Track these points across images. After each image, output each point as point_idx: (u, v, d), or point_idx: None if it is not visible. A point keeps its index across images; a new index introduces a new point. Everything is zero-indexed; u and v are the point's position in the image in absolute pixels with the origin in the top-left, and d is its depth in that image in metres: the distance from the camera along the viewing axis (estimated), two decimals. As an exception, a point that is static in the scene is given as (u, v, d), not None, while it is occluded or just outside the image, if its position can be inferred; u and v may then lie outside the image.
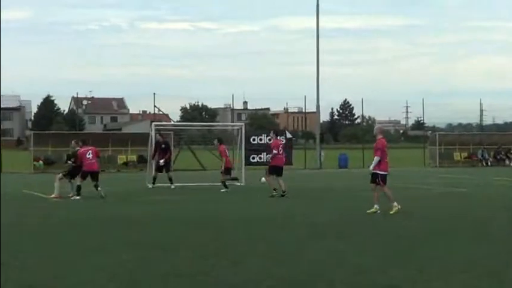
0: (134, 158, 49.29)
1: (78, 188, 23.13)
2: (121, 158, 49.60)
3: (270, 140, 30.28)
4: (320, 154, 53.32)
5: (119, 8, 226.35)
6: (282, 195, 23.47)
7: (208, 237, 14.07)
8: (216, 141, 30.01)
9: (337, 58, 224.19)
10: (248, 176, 32.15)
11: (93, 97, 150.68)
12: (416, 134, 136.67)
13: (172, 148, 36.82)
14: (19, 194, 25.71)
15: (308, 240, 13.55)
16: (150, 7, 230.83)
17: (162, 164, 29.17)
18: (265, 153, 40.55)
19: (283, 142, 28.68)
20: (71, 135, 57.38)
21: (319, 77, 55.55)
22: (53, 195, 23.00)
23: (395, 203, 18.24)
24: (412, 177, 37.67)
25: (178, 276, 9.91)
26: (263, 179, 29.80)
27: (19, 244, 13.20)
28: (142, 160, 45.33)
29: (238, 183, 29.24)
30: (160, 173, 29.22)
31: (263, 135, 44.20)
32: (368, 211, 18.16)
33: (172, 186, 28.47)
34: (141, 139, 44.15)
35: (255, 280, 9.61)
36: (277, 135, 26.23)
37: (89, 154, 23.64)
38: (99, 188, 23.13)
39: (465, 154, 56.08)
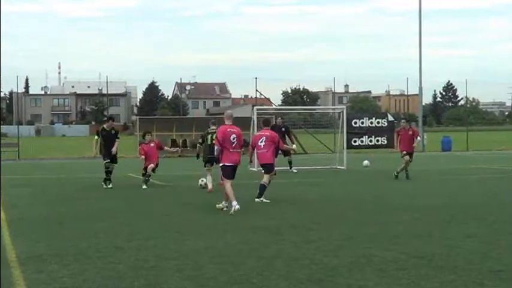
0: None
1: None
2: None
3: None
4: (423, 137, 52.70)
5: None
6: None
7: (313, 221, 14.20)
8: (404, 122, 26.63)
9: (440, 39, 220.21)
10: (350, 159, 32.14)
11: (196, 82, 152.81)
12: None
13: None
14: (125, 178, 26.33)
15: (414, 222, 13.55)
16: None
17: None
18: (366, 137, 40.35)
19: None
20: (175, 120, 58.55)
21: (422, 59, 54.91)
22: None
23: None
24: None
25: (283, 259, 10.06)
26: (366, 162, 29.74)
27: (129, 227, 13.63)
28: (244, 144, 45.76)
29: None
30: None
31: (365, 118, 43.88)
32: None
33: (295, 171, 28.49)
34: (243, 123, 44.57)
35: (358, 263, 9.68)
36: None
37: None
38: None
39: None
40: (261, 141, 18.87)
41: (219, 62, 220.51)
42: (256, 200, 17.76)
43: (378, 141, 40.82)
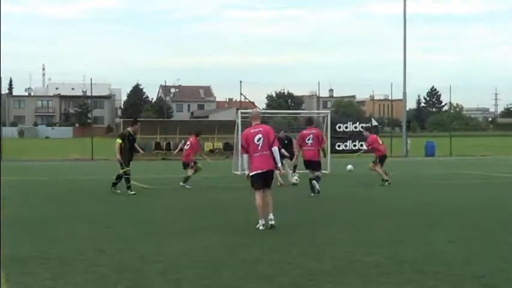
0: (220, 145, 49.85)
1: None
2: (207, 145, 50.20)
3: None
4: (406, 142, 52.87)
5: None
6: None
7: (297, 224, 14.21)
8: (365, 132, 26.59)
9: (424, 45, 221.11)
10: (334, 163, 32.19)
11: (180, 85, 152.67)
12: (506, 122, 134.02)
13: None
14: (109, 180, 26.23)
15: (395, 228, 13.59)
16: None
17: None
18: (350, 141, 40.35)
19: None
20: (159, 122, 58.52)
21: (406, 64, 55.15)
22: None
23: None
24: (499, 166, 36.93)
25: (265, 263, 10.07)
26: (349, 166, 29.79)
27: (113, 229, 13.61)
28: (228, 147, 45.76)
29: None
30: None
31: (349, 122, 43.89)
32: None
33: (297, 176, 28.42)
34: (227, 127, 44.61)
35: (341, 267, 9.71)
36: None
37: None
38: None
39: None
40: (308, 139, 20.02)
41: (204, 65, 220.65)
42: (315, 193, 19.63)
43: (361, 145, 40.85)
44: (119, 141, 21.21)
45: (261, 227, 13.34)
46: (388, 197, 20.24)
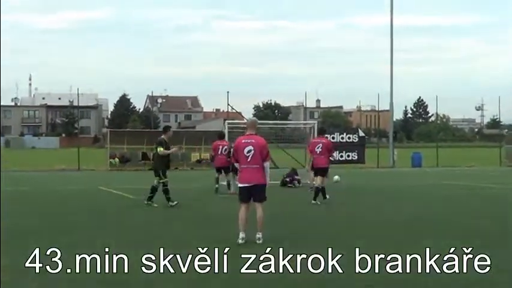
0: (207, 156, 49.74)
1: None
2: (194, 156, 50.14)
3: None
4: (393, 153, 53.00)
5: (193, 7, 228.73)
6: None
7: (283, 235, 14.21)
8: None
9: (411, 56, 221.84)
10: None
11: (167, 95, 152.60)
12: (492, 133, 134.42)
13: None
14: (95, 191, 26.21)
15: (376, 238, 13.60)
16: (223, 6, 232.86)
17: None
18: (337, 152, 40.40)
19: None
20: (145, 133, 58.42)
21: (393, 75, 55.32)
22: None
23: None
24: (485, 177, 37.08)
25: (253, 273, 10.04)
26: (336, 177, 29.86)
27: (99, 239, 13.57)
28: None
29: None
30: None
31: (336, 133, 43.97)
32: None
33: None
34: (214, 137, 44.52)
35: (328, 278, 9.69)
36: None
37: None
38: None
39: (543, 153, 54.96)
40: (318, 147, 21.35)
41: (191, 76, 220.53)
42: (313, 202, 20.75)
43: (348, 156, 41.00)
44: (161, 148, 20.41)
45: (240, 241, 13.07)
46: (374, 209, 20.25)
